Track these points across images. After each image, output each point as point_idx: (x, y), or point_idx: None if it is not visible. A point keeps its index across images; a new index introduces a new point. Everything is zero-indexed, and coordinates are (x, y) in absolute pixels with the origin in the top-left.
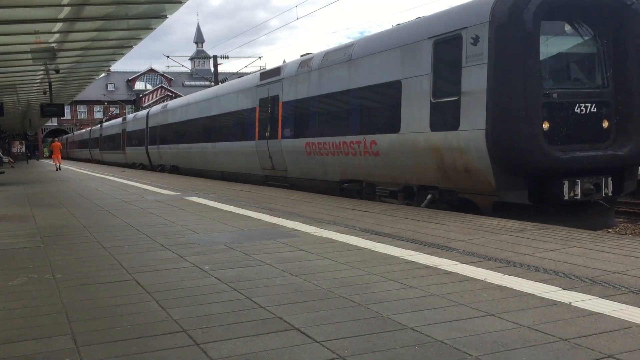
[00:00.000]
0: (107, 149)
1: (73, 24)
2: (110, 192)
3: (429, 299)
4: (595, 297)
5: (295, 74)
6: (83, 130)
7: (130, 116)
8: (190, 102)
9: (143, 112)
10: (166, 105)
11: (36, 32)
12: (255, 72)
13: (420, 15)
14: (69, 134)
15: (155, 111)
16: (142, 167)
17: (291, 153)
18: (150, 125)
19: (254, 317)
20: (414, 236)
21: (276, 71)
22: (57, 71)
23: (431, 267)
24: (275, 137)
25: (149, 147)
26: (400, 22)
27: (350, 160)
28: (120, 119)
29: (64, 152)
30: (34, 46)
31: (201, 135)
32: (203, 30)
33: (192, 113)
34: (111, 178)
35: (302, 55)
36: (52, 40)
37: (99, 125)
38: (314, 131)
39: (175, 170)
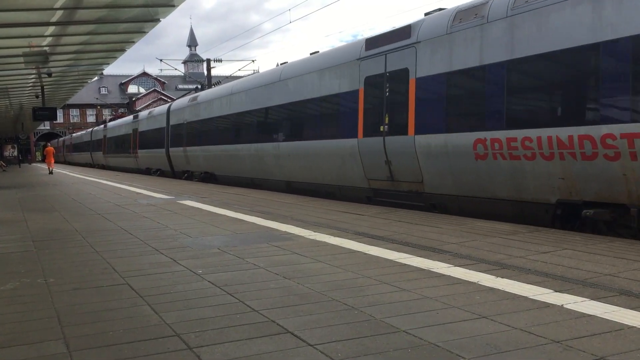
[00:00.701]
0: (113, 152)
1: (65, 27)
2: (103, 195)
3: (422, 301)
4: (587, 299)
5: (447, 32)
6: (83, 132)
7: (143, 113)
8: (235, 90)
9: (162, 108)
10: (196, 97)
11: (29, 36)
12: (353, 41)
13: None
14: (67, 136)
15: (180, 105)
16: (160, 173)
17: (438, 156)
18: (172, 122)
19: (247, 321)
20: (407, 239)
21: (401, 33)
22: (50, 75)
23: (424, 269)
24: (400, 133)
25: (170, 149)
26: None
27: (595, 166)
28: (130, 117)
29: (61, 156)
30: (26, 49)
31: (254, 133)
32: (196, 33)
33: (239, 104)
34: (104, 182)
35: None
36: (44, 43)
37: (101, 126)
38: (501, 120)
39: (209, 178)
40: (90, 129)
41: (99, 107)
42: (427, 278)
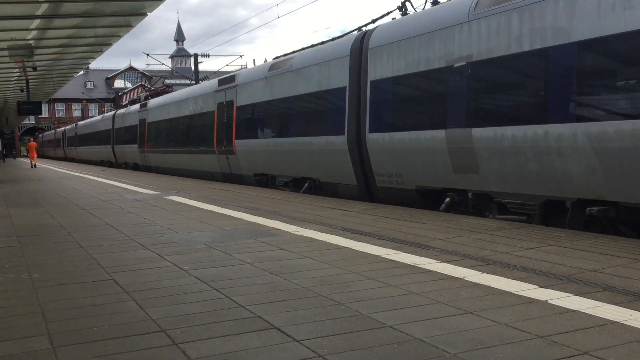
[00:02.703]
0: (166, 146)
1: (51, 20)
2: (89, 191)
3: (408, 297)
4: (572, 294)
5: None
6: (97, 117)
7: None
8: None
9: (209, 83)
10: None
11: (13, 29)
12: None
13: None
14: (68, 126)
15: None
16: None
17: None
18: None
19: (233, 317)
20: (394, 235)
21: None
22: (35, 69)
23: (411, 265)
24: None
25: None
26: None
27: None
28: (209, 85)
29: (60, 151)
30: (10, 43)
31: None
32: (182, 27)
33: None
34: (90, 177)
35: None
36: (29, 37)
37: (135, 106)
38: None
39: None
40: (111, 112)
41: (84, 101)
42: (414, 274)
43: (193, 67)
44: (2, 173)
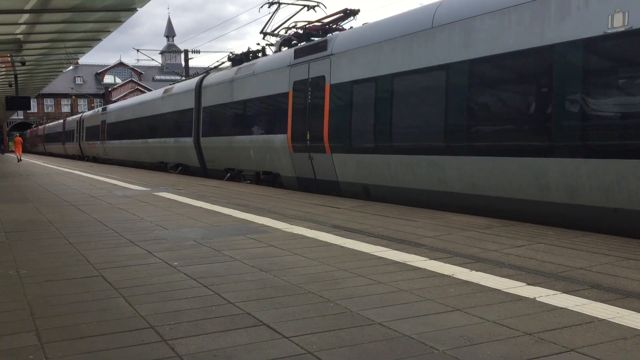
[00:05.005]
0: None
1: (40, 15)
2: (78, 187)
3: (397, 294)
4: (559, 292)
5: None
6: (122, 103)
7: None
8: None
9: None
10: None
11: (1, 24)
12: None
13: None
14: (83, 113)
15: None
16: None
17: None
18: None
19: (222, 313)
20: (383, 232)
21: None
22: (23, 63)
23: (400, 262)
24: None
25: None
26: None
27: None
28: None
29: (73, 146)
30: None
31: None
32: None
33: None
34: (78, 172)
35: None
36: (18, 31)
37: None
38: None
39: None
40: (194, 79)
41: (74, 97)
42: (403, 271)
43: (183, 63)
44: None
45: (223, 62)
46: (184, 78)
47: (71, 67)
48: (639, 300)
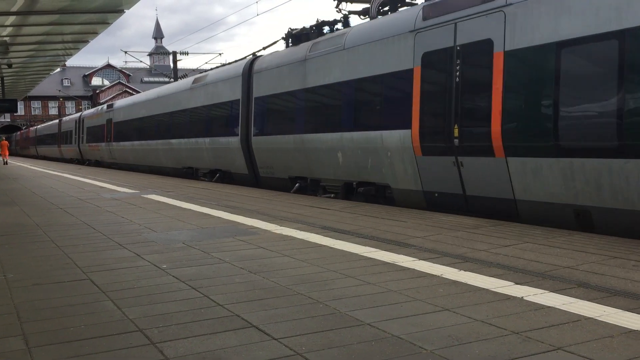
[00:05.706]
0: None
1: (26, 17)
2: (66, 190)
3: (386, 295)
4: (547, 291)
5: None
6: (134, 98)
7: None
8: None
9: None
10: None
11: None
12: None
13: None
14: (81, 113)
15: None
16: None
17: None
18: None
19: (211, 315)
20: (373, 233)
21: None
22: (10, 65)
23: (389, 263)
24: None
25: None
26: None
27: None
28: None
29: (72, 150)
30: None
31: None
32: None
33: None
34: (67, 175)
35: None
36: (4, 34)
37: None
38: None
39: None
40: (242, 61)
41: (61, 99)
42: (392, 271)
43: (172, 65)
44: None
45: (276, 41)
46: (172, 80)
47: (58, 69)
48: (626, 299)
